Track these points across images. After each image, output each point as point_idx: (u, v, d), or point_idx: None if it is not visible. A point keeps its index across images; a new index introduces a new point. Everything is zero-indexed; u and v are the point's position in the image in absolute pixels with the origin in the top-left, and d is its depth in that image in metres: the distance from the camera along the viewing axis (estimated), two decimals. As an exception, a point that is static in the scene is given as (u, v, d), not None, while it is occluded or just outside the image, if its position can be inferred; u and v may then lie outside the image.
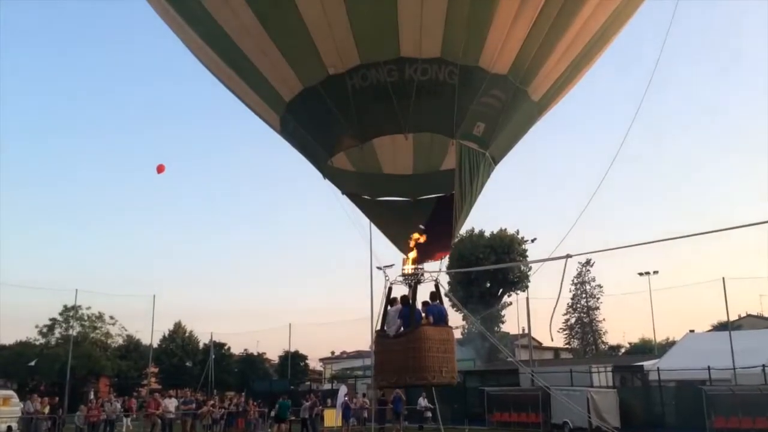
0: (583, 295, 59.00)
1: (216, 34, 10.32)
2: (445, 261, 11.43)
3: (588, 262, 57.92)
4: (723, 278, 31.89)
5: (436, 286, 10.74)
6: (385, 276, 11.01)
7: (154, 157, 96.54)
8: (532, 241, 45.14)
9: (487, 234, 45.99)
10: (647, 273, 44.42)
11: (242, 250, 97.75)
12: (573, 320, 60.08)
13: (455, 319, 48.27)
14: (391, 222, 12.08)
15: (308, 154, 11.91)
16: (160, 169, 19.57)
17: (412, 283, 10.56)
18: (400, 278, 10.79)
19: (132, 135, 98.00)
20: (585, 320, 59.15)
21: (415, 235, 10.52)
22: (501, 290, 46.90)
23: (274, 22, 9.72)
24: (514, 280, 45.32)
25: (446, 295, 10.93)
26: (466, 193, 10.64)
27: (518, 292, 45.40)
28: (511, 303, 46.82)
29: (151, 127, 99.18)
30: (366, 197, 12.17)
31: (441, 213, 11.53)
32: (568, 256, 8.56)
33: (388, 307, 10.84)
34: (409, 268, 10.49)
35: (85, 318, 49.83)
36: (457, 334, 53.86)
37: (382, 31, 9.55)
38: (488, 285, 46.45)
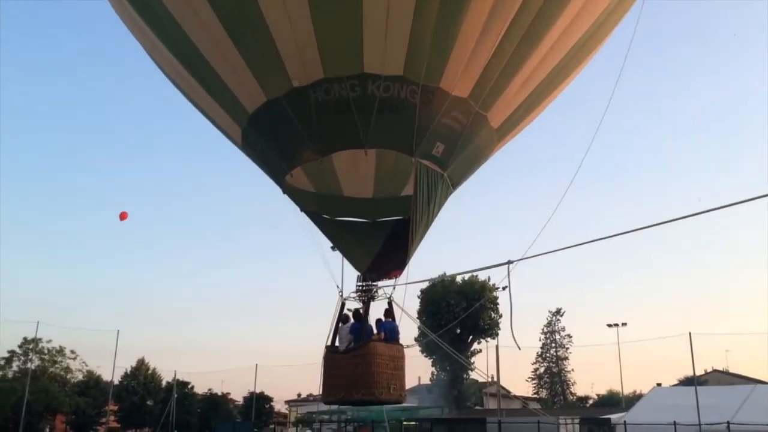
0: (553, 345, 58.88)
1: (180, 43, 10.39)
2: (403, 279, 11.41)
3: (558, 312, 58.17)
4: (689, 333, 32.14)
5: (390, 303, 10.79)
6: (339, 292, 11.02)
7: (117, 191, 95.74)
8: (503, 288, 45.17)
9: (458, 280, 46.09)
10: (616, 325, 44.59)
11: (210, 288, 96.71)
12: (542, 370, 59.78)
13: (425, 364, 47.94)
14: (349, 241, 12.07)
15: (268, 168, 11.93)
16: (123, 216, 19.59)
17: (365, 299, 10.59)
18: (354, 294, 10.83)
19: (94, 172, 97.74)
20: (554, 370, 58.86)
21: None
22: (471, 337, 46.72)
23: (241, 33, 9.84)
24: (484, 327, 45.24)
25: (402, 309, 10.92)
26: (423, 212, 10.71)
27: (488, 339, 45.26)
28: (480, 350, 46.64)
29: (116, 166, 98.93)
30: (325, 216, 12.19)
31: (399, 234, 11.58)
32: (510, 261, 8.65)
33: (340, 324, 10.82)
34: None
35: (45, 351, 48.54)
36: (425, 380, 53.45)
37: (347, 46, 9.71)
38: (458, 331, 46.27)
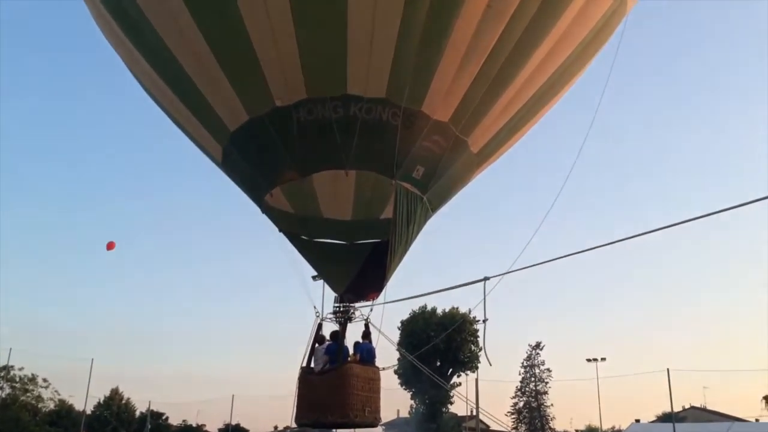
0: (532, 379, 58.53)
1: (163, 58, 10.42)
2: (380, 300, 11.38)
3: (538, 346, 57.96)
4: (668, 369, 32.28)
5: (366, 325, 10.73)
6: (316, 312, 10.96)
7: (89, 218, 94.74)
8: (484, 321, 45.01)
9: (439, 312, 45.96)
10: (595, 359, 44.58)
11: (186, 317, 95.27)
12: (521, 404, 59.31)
13: (404, 397, 47.40)
14: (327, 263, 12.04)
15: (248, 188, 11.91)
16: (110, 246, 19.49)
17: (342, 321, 10.54)
18: (330, 315, 10.78)
19: (72, 202, 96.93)
20: (533, 405, 58.41)
21: None
22: (451, 370, 46.38)
23: (226, 51, 9.92)
24: (464, 360, 44.96)
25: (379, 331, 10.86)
26: (402, 234, 10.73)
27: (468, 372, 44.98)
28: (460, 383, 46.28)
29: (88, 194, 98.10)
30: (303, 237, 12.17)
31: (377, 256, 11.59)
32: (486, 278, 8.67)
33: (316, 345, 10.73)
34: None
35: (17, 379, 47.33)
36: (404, 413, 52.76)
37: (331, 68, 9.82)
38: (438, 364, 45.92)
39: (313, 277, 12.52)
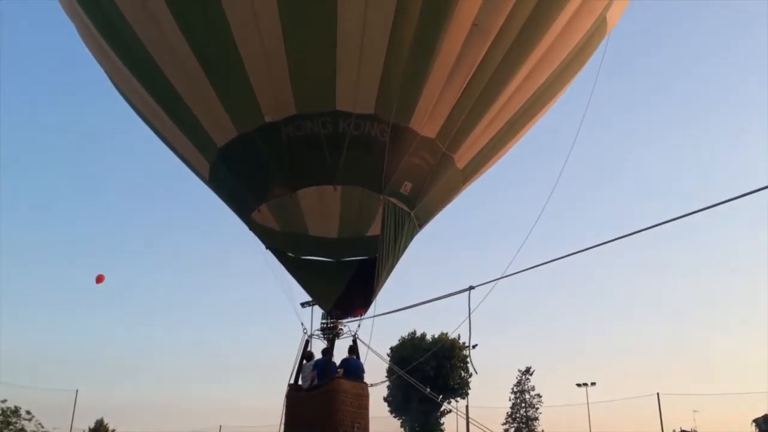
0: (523, 405, 58.02)
1: (152, 75, 10.48)
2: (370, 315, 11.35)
3: (528, 371, 57.56)
4: (657, 393, 32.23)
5: (354, 341, 10.71)
6: (303, 329, 10.93)
7: (69, 247, 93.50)
8: (474, 347, 44.78)
9: (428, 337, 45.67)
10: (585, 384, 44.37)
11: (173, 346, 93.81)
12: (512, 430, 58.70)
13: (393, 425, 46.80)
14: (314, 280, 12.03)
15: (235, 204, 11.93)
16: (99, 279, 19.40)
17: (330, 337, 10.51)
18: (318, 332, 10.76)
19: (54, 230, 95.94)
20: (524, 430, 57.80)
21: None
22: (441, 396, 45.91)
23: (216, 66, 10.02)
24: (454, 386, 44.56)
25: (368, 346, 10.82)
26: (390, 250, 10.77)
27: (458, 399, 44.59)
28: (450, 411, 45.86)
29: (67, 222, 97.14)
30: (290, 255, 12.17)
31: (364, 273, 11.64)
32: (471, 287, 8.72)
33: (304, 361, 10.67)
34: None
35: (0, 412, 46.37)
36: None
37: (320, 84, 9.95)
38: (428, 390, 45.43)
39: (302, 304, 12.50)
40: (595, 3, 11.08)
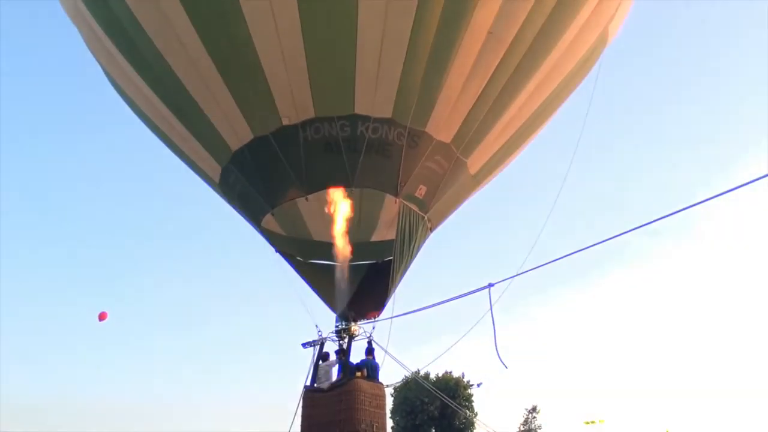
0: (530, 444, 57.75)
1: (162, 77, 10.40)
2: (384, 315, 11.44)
3: (534, 409, 57.14)
4: (667, 430, 32.62)
5: (370, 342, 10.83)
6: (318, 331, 10.98)
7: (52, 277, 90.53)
8: (478, 385, 44.38)
9: (432, 377, 44.98)
10: (593, 422, 44.22)
11: (165, 385, 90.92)
12: (521, 470, 58.30)
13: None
14: (325, 283, 12.07)
15: (246, 208, 11.87)
16: (101, 317, 19.00)
17: (344, 339, 10.64)
18: (332, 334, 10.85)
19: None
20: (532, 470, 57.37)
21: None
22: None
23: (233, 69, 9.98)
24: (459, 426, 43.95)
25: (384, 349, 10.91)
26: (404, 253, 10.90)
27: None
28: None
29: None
30: (299, 258, 12.23)
31: (373, 277, 11.81)
32: (490, 285, 8.85)
33: (320, 362, 10.72)
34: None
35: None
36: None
37: (339, 88, 10.03)
38: (433, 431, 44.89)
39: (303, 345, 12.15)
40: (600, 16, 11.48)
